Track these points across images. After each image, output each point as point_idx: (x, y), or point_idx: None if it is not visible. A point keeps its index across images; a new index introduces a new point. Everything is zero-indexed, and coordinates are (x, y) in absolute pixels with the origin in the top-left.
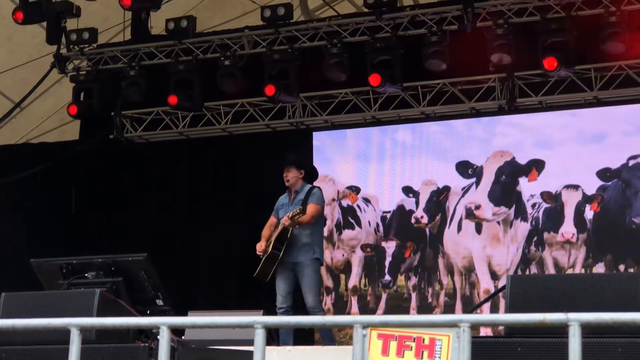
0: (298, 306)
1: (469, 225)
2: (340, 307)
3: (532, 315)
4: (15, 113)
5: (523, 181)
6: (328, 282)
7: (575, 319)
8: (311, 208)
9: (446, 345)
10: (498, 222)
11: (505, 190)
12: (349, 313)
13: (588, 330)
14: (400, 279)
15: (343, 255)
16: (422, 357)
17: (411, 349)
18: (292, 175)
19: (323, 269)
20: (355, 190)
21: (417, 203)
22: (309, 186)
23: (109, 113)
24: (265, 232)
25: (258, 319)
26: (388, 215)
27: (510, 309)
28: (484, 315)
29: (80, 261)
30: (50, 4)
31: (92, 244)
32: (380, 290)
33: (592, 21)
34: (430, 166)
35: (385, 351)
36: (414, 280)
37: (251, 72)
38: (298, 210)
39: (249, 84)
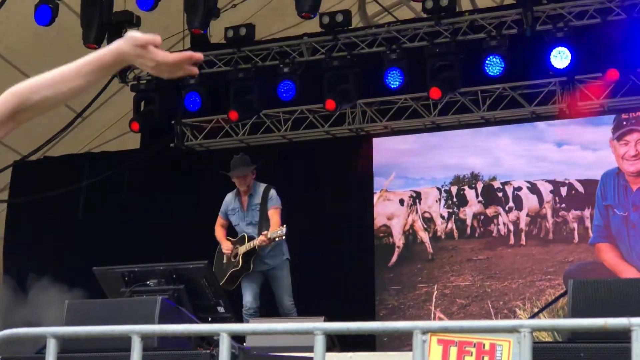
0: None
1: None
2: None
3: (593, 320)
4: (78, 123)
5: None
6: None
7: (638, 323)
8: (274, 215)
9: (507, 350)
10: None
11: None
12: None
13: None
14: None
15: None
16: None
17: (471, 355)
18: (249, 179)
19: None
20: None
21: None
22: (262, 186)
23: (169, 122)
24: (219, 233)
25: (318, 325)
26: None
27: (572, 314)
28: (545, 320)
29: (142, 269)
30: (110, 13)
31: (153, 253)
32: None
33: None
34: None
35: (445, 357)
36: None
37: (310, 78)
38: (280, 232)
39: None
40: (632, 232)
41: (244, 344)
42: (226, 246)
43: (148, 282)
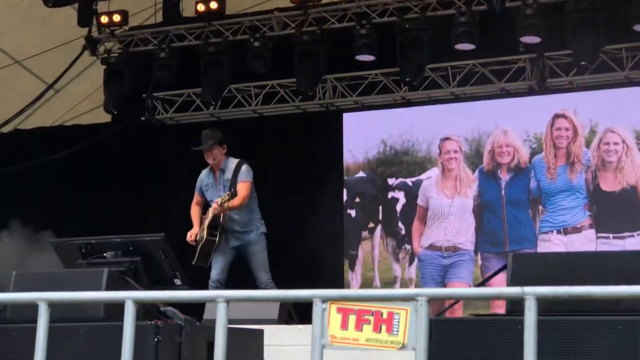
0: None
1: None
2: None
3: (489, 289)
4: (50, 96)
5: None
6: None
7: (531, 292)
8: (241, 188)
9: (404, 318)
10: None
11: None
12: None
13: (590, 308)
14: None
15: None
16: (380, 331)
17: (369, 323)
18: (216, 153)
19: None
20: None
21: None
22: (234, 162)
23: (140, 95)
24: (194, 212)
25: (222, 293)
26: None
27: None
28: (441, 289)
29: (99, 241)
30: None
31: (121, 226)
32: None
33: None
34: None
35: (344, 325)
36: None
37: (280, 53)
38: (227, 197)
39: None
40: None
41: (203, 317)
42: (192, 232)
43: (105, 254)
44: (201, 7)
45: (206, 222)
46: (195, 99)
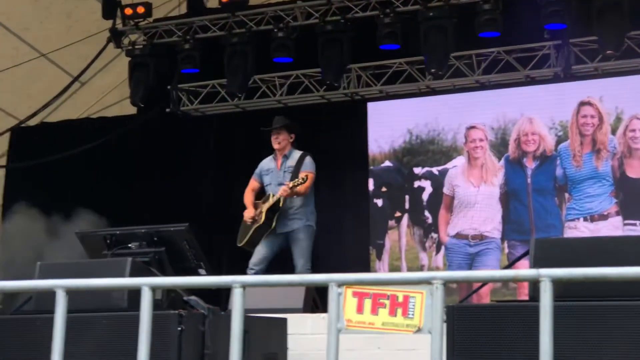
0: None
1: None
2: None
3: (505, 271)
4: (76, 89)
5: None
6: None
7: (547, 274)
8: (306, 177)
9: (420, 302)
10: None
11: None
12: None
13: (613, 292)
14: None
15: None
16: (396, 315)
17: (385, 307)
18: (282, 138)
19: None
20: None
21: None
22: (299, 152)
23: (165, 87)
24: (247, 197)
25: (237, 278)
26: None
27: None
28: (457, 272)
29: (123, 232)
30: None
31: (145, 217)
32: None
33: None
34: None
35: (360, 309)
36: None
37: (305, 43)
38: (300, 181)
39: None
40: None
41: (228, 307)
42: (248, 213)
43: (129, 245)
44: None
45: (265, 206)
46: (220, 90)
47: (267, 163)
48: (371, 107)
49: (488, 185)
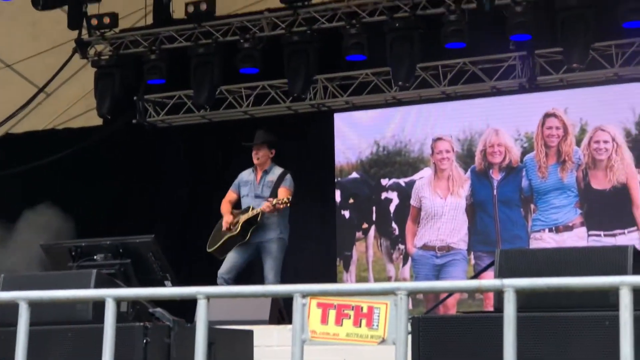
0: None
1: None
2: None
3: (469, 281)
4: (42, 99)
5: None
6: None
7: (510, 284)
8: (284, 194)
9: (384, 313)
10: None
11: None
12: None
13: (577, 303)
14: None
15: None
16: (360, 326)
17: (349, 318)
18: (262, 154)
19: None
20: None
21: None
22: (279, 169)
23: (131, 97)
24: (224, 207)
25: (201, 289)
26: None
27: None
28: (421, 282)
29: (88, 244)
30: None
31: (111, 228)
32: None
33: None
34: None
35: (324, 320)
36: None
37: (271, 54)
38: (286, 200)
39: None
40: None
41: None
42: (226, 220)
43: (95, 257)
44: (191, 9)
45: (243, 217)
46: (186, 101)
47: (246, 175)
48: (338, 117)
49: (454, 196)
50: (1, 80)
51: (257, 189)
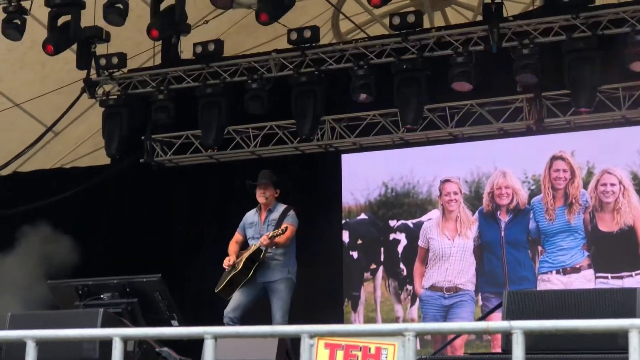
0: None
1: None
2: None
3: (477, 323)
4: (50, 138)
5: None
6: None
7: (518, 326)
8: (287, 229)
9: (392, 353)
10: None
11: None
12: None
13: (586, 346)
14: None
15: None
16: None
17: (357, 358)
18: (269, 194)
19: None
20: None
21: None
22: (282, 206)
23: (139, 137)
24: (231, 247)
25: (208, 329)
26: None
27: None
28: (429, 324)
29: (96, 282)
30: (79, 29)
31: (118, 268)
32: None
33: (615, 40)
34: None
35: None
36: None
37: (279, 94)
38: (279, 232)
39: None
40: None
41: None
42: (228, 258)
43: (102, 296)
44: (199, 49)
45: (245, 255)
46: (194, 141)
47: (250, 216)
48: (345, 158)
49: (462, 237)
50: (10, 120)
51: (262, 229)
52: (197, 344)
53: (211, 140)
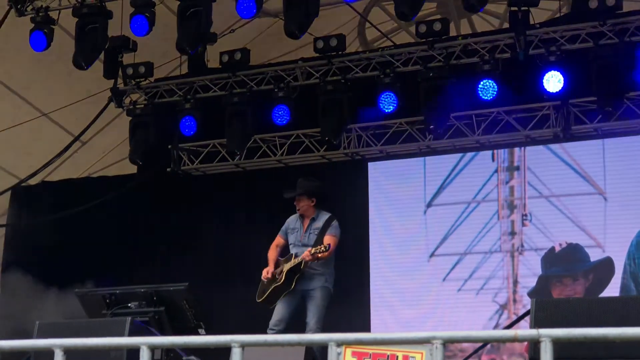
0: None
1: None
2: None
3: (505, 331)
4: (77, 148)
5: None
6: None
7: (547, 334)
8: (330, 241)
9: None
10: None
11: None
12: None
13: (615, 354)
14: None
15: None
16: None
17: None
18: (303, 204)
19: None
20: None
21: None
22: (326, 215)
23: (166, 146)
24: (271, 253)
25: (236, 337)
26: None
27: None
28: (457, 332)
29: (123, 291)
30: (106, 38)
31: (146, 276)
32: None
33: None
34: None
35: None
36: None
37: (305, 103)
38: (323, 248)
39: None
40: None
41: None
42: (268, 269)
43: (129, 305)
44: (225, 58)
45: (287, 266)
46: (220, 150)
47: (293, 221)
48: (372, 166)
49: None
50: (37, 129)
51: (304, 238)
52: (224, 352)
53: (234, 147)
